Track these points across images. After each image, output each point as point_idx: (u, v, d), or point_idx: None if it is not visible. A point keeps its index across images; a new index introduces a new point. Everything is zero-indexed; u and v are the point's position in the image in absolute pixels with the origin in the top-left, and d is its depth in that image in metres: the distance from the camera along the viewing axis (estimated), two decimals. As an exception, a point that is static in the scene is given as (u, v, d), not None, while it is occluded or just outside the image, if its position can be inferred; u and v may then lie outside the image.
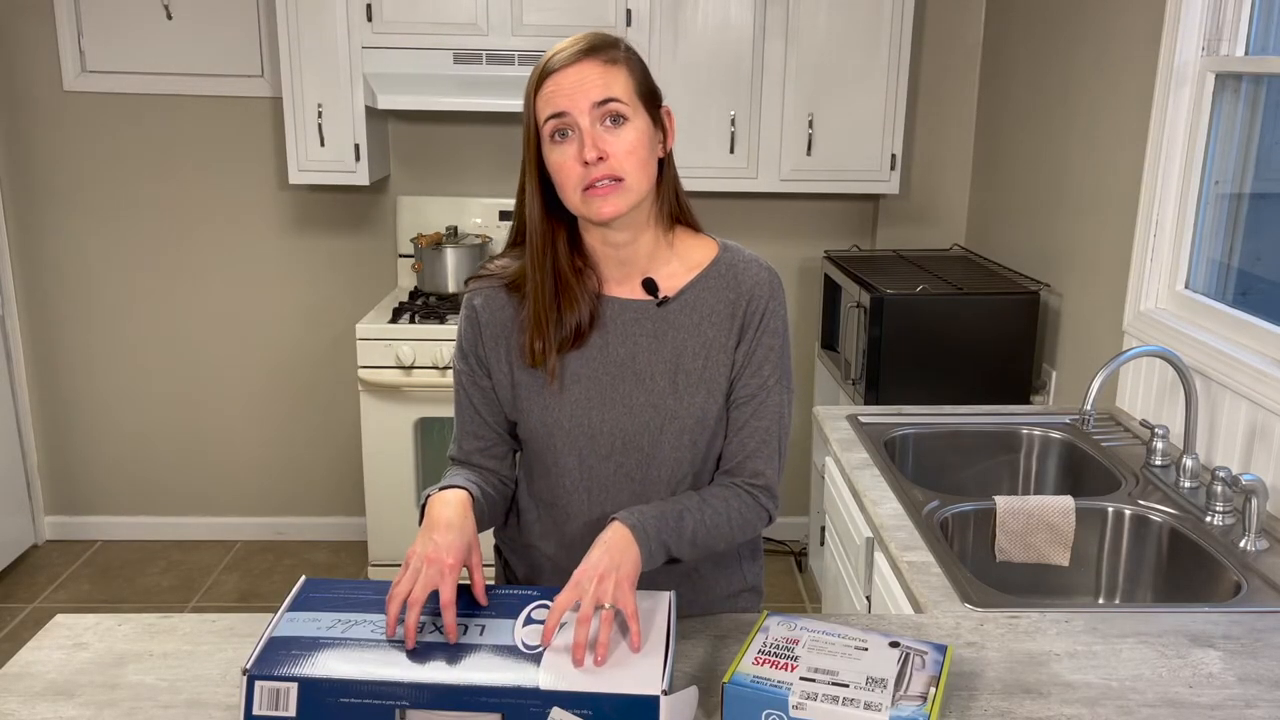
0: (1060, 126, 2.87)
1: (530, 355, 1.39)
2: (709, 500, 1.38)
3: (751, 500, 1.41)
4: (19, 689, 1.27)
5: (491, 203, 3.68)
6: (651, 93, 1.36)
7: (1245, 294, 2.14)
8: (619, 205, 1.31)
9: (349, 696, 1.10)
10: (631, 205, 1.33)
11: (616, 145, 1.30)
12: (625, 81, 1.32)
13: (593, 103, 1.29)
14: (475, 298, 1.44)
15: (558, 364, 1.39)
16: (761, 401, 1.41)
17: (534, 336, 1.38)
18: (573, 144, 1.30)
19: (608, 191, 1.30)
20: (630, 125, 1.31)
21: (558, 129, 1.31)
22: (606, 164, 1.29)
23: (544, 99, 1.31)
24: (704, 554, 1.39)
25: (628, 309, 1.41)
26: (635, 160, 1.31)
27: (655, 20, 3.22)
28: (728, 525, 1.38)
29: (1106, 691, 1.29)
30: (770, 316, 1.41)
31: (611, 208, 1.31)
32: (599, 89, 1.29)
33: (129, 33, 3.50)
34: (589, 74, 1.30)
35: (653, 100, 1.36)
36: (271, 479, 3.93)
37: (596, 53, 1.31)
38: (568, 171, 1.31)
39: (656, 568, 1.36)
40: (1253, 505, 1.71)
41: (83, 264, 3.70)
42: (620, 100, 1.30)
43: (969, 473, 2.30)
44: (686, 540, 1.34)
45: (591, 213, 1.32)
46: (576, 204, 1.33)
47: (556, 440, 1.41)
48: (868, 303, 2.84)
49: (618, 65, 1.32)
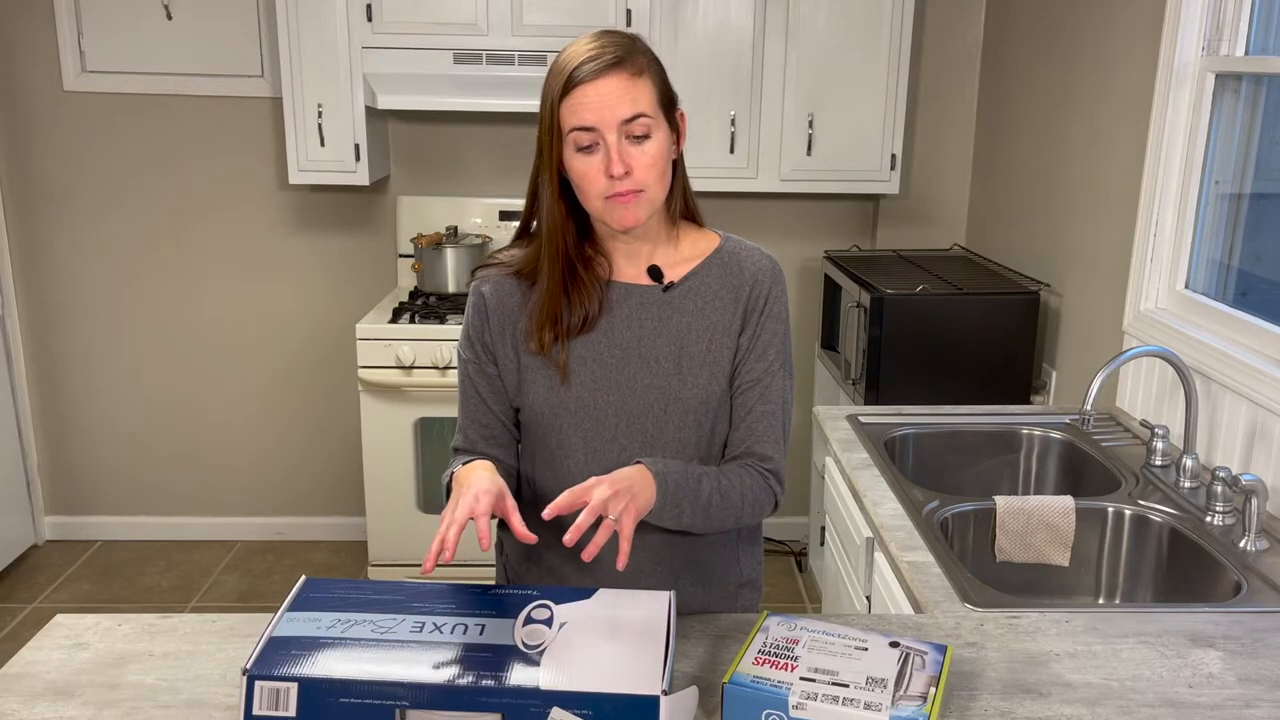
0: (1060, 126, 2.87)
1: (539, 344, 1.42)
2: (726, 474, 1.41)
3: (763, 482, 1.44)
4: (19, 689, 1.27)
5: (491, 203, 3.68)
6: (670, 99, 1.40)
7: (1245, 294, 2.14)
8: (640, 215, 1.36)
9: (349, 696, 1.10)
10: (650, 214, 1.38)
11: (640, 159, 1.34)
12: (650, 94, 1.35)
13: (621, 119, 1.32)
14: (483, 285, 1.48)
15: (562, 346, 1.42)
16: (767, 386, 1.44)
17: (543, 326, 1.41)
18: (597, 156, 1.33)
19: (629, 201, 1.34)
20: (653, 140, 1.35)
21: (583, 143, 1.33)
22: (631, 178, 1.33)
23: (570, 110, 1.33)
24: (713, 527, 1.41)
25: (633, 294, 1.44)
26: (655, 172, 1.36)
27: (655, 20, 3.22)
28: (740, 501, 1.41)
29: (1106, 691, 1.29)
30: (773, 302, 1.45)
31: (633, 217, 1.36)
32: (627, 106, 1.32)
33: (129, 33, 3.50)
34: (617, 89, 1.32)
35: (671, 106, 1.40)
36: (271, 479, 3.93)
37: (623, 65, 1.33)
38: (592, 180, 1.34)
39: (657, 560, 1.37)
40: (1253, 505, 1.71)
41: (83, 264, 3.70)
42: (647, 115, 1.34)
43: (969, 473, 2.31)
44: (701, 506, 1.36)
45: (613, 221, 1.36)
46: (598, 209, 1.37)
47: (562, 422, 1.44)
48: (868, 303, 2.84)
49: (643, 77, 1.34)
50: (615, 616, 1.21)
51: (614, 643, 1.16)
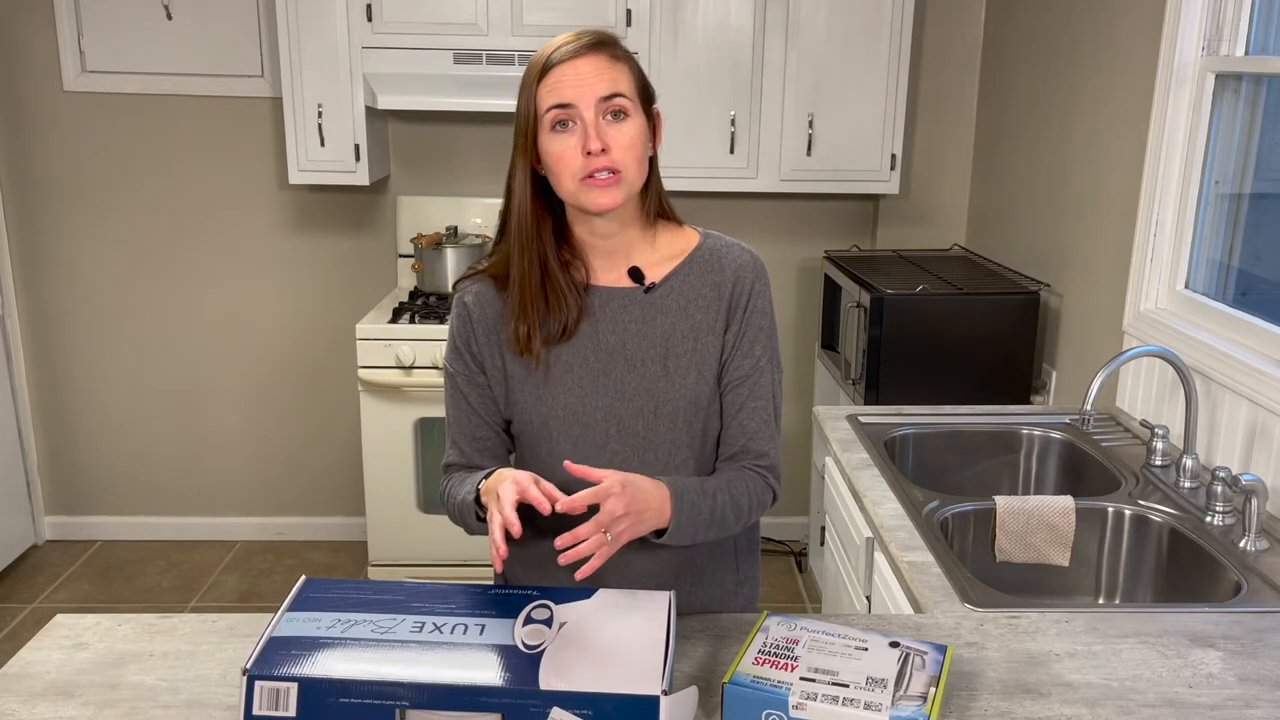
0: (1060, 126, 2.87)
1: (517, 341, 1.42)
2: (733, 483, 1.42)
3: (762, 482, 1.45)
4: (19, 689, 1.27)
5: (492, 203, 3.67)
6: (647, 93, 1.41)
7: (1245, 294, 2.14)
8: (616, 197, 1.35)
9: (349, 696, 1.10)
10: (627, 198, 1.37)
11: (618, 139, 1.34)
12: (628, 78, 1.37)
13: (599, 96, 1.33)
14: (465, 295, 1.48)
15: (546, 353, 1.42)
16: (756, 382, 1.44)
17: (520, 322, 1.41)
18: (574, 135, 1.33)
19: (607, 183, 1.34)
20: (630, 121, 1.35)
21: (560, 119, 1.34)
22: (608, 156, 1.33)
23: (548, 89, 1.34)
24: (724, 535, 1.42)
25: (615, 297, 1.44)
26: (634, 155, 1.35)
27: (655, 20, 3.22)
28: (747, 508, 1.43)
29: (1106, 691, 1.29)
30: (757, 297, 1.45)
31: (609, 199, 1.35)
32: (606, 83, 1.33)
33: (129, 33, 3.50)
34: (596, 67, 1.34)
35: (648, 100, 1.40)
36: (271, 479, 3.93)
37: (602, 48, 1.36)
38: (567, 160, 1.34)
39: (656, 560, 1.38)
40: (1253, 505, 1.71)
41: (83, 264, 3.70)
42: (624, 95, 1.35)
43: (969, 473, 2.31)
44: (716, 521, 1.38)
45: (589, 202, 1.35)
46: (573, 191, 1.36)
47: (552, 429, 1.43)
48: (868, 303, 2.84)
49: (621, 62, 1.37)
50: (615, 617, 1.21)
51: (614, 643, 1.17)
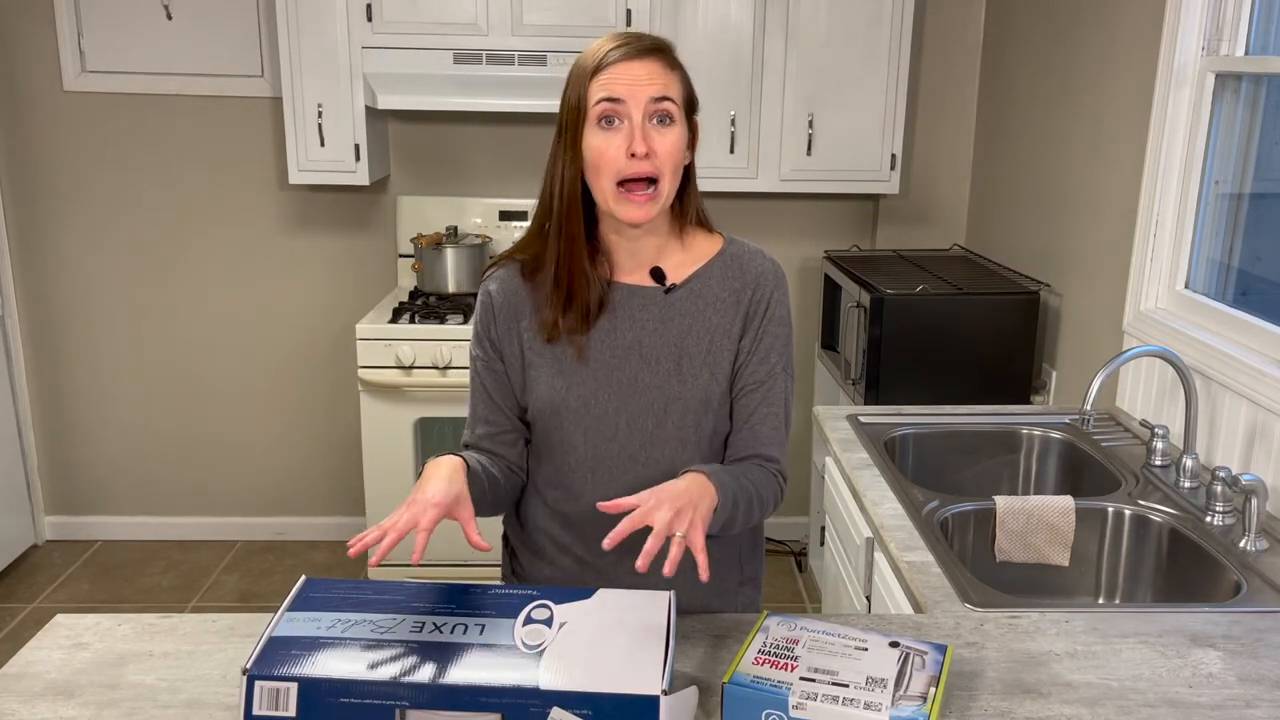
0: (1060, 126, 2.87)
1: (543, 327, 1.43)
2: (752, 471, 1.43)
3: (775, 481, 1.46)
4: (19, 689, 1.27)
5: (491, 203, 3.68)
6: (692, 103, 1.43)
7: (1245, 294, 2.14)
8: (650, 212, 1.37)
9: (349, 696, 1.10)
10: (659, 212, 1.39)
11: (662, 144, 1.35)
12: (679, 86, 1.39)
13: (650, 98, 1.35)
14: (490, 283, 1.49)
15: (567, 342, 1.43)
16: (770, 389, 1.46)
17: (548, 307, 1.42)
18: (619, 134, 1.35)
19: (643, 199, 1.36)
20: (675, 128, 1.37)
21: (608, 114, 1.35)
22: (650, 161, 1.35)
23: (601, 84, 1.35)
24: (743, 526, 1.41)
25: (635, 295, 1.45)
26: (673, 163, 1.38)
27: (655, 20, 3.22)
28: (764, 500, 1.43)
29: (1106, 691, 1.29)
30: (775, 305, 1.47)
31: (643, 214, 1.37)
32: (659, 86, 1.35)
33: (129, 33, 3.50)
34: (651, 71, 1.35)
35: (692, 109, 1.43)
36: (271, 479, 3.93)
37: (660, 53, 1.38)
38: (609, 158, 1.35)
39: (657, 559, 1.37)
40: (1253, 505, 1.71)
41: (83, 264, 3.70)
42: (674, 101, 1.37)
43: (969, 473, 2.30)
44: (744, 506, 1.38)
45: (622, 214, 1.37)
46: (608, 194, 1.37)
47: (564, 418, 1.45)
48: (868, 303, 2.84)
49: (675, 71, 1.39)
50: (615, 616, 1.21)
51: (614, 643, 1.17)
